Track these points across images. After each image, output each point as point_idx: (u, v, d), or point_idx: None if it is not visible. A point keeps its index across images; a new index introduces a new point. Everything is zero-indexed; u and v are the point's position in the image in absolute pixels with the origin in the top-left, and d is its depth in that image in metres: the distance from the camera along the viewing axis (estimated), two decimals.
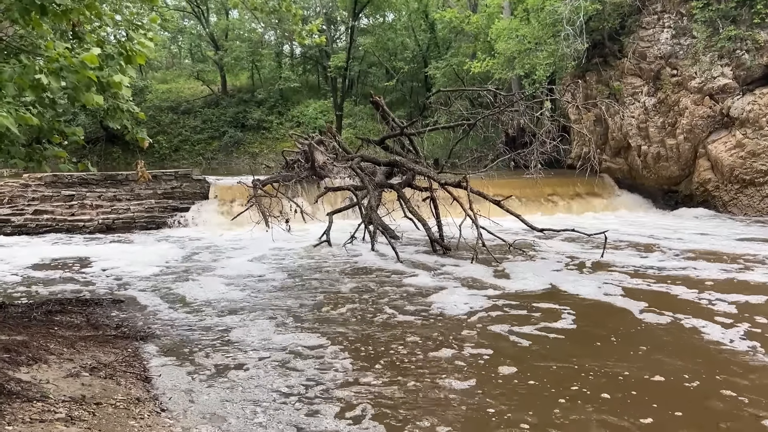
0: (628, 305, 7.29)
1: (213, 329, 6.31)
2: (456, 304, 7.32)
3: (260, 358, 5.41)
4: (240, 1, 10.67)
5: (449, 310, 7.08)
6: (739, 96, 15.41)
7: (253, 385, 4.76)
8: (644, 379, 4.90)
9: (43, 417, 3.59)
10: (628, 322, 6.66)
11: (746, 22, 15.15)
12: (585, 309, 7.22)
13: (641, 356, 5.49)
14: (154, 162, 29.48)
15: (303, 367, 5.16)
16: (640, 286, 8.27)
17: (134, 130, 5.17)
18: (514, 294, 7.95)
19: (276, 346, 5.76)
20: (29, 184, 13.67)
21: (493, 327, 6.40)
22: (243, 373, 5.01)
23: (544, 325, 6.48)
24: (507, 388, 4.76)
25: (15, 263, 9.94)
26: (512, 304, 7.37)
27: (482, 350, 5.63)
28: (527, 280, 8.71)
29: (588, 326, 6.52)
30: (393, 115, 13.04)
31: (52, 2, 4.19)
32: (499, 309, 7.16)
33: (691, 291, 7.95)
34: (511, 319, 6.69)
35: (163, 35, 34.69)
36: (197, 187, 14.84)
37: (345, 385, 4.79)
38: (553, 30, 17.78)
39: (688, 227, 14.22)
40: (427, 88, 30.11)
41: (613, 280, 8.66)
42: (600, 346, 5.87)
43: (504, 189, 15.13)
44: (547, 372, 5.07)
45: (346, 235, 11.63)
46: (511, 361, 5.32)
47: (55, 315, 6.39)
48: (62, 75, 4.07)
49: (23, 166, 5.79)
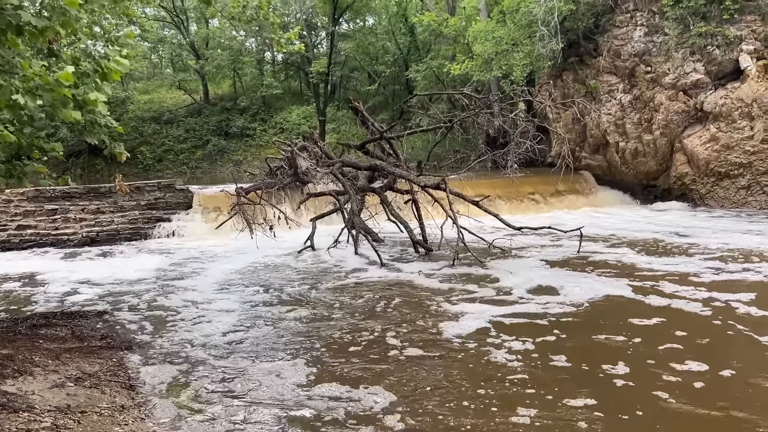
0: (593, 294, 7.52)
1: (198, 338, 6.41)
2: (429, 298, 7.50)
3: (243, 365, 5.53)
4: (218, 11, 10.79)
5: (433, 309, 7.25)
6: (711, 91, 15.75)
7: (236, 390, 4.89)
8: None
9: (29, 427, 3.70)
10: (614, 313, 6.88)
11: (716, 19, 15.51)
12: (559, 299, 7.43)
13: None
14: (138, 173, 29.43)
15: (289, 376, 5.29)
16: (607, 275, 8.51)
17: (111, 145, 5.28)
18: (493, 291, 8.12)
19: (258, 352, 5.88)
20: (11, 200, 13.67)
21: (474, 323, 6.57)
22: (228, 381, 5.13)
23: (534, 320, 6.73)
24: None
25: (4, 279, 9.98)
26: (494, 299, 7.55)
27: (468, 342, 5.81)
28: (508, 277, 8.89)
29: (566, 317, 6.72)
30: (372, 120, 13.20)
31: (28, 22, 4.29)
32: (480, 307, 7.32)
33: (679, 282, 8.21)
34: (492, 316, 6.87)
35: (143, 45, 34.67)
36: (181, 197, 14.90)
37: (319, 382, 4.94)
38: (529, 31, 18.05)
39: (663, 220, 14.56)
40: (408, 91, 30.34)
41: (586, 272, 8.96)
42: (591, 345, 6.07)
43: (486, 189, 15.35)
44: None
45: (330, 240, 11.76)
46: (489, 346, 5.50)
47: (39, 328, 6.47)
48: (38, 93, 4.18)
49: (4, 183, 5.88)
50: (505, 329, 6.42)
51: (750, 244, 10.95)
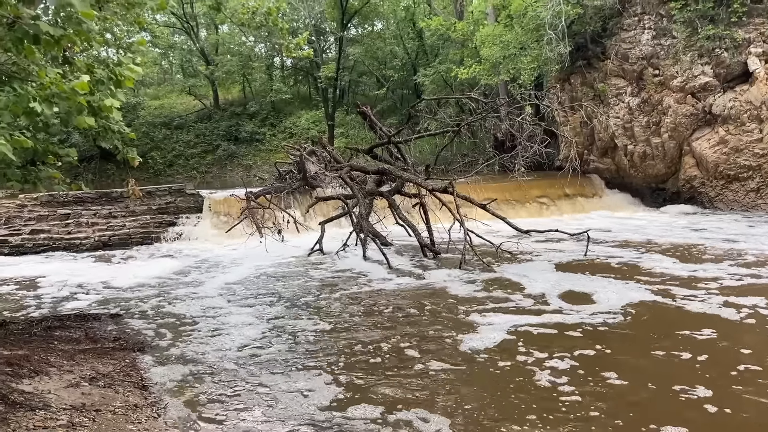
0: (627, 300, 7.55)
1: (208, 339, 6.52)
2: (444, 305, 7.56)
3: (253, 366, 5.62)
4: (228, 17, 10.94)
5: (418, 309, 7.31)
6: (720, 93, 15.72)
7: (246, 389, 4.98)
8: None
9: (46, 425, 3.80)
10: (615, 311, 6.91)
11: (724, 21, 15.49)
12: (566, 299, 7.47)
13: None
14: (149, 178, 29.69)
15: (299, 379, 5.38)
16: (634, 280, 8.53)
17: (124, 150, 5.41)
18: (518, 298, 8.07)
19: (270, 356, 5.97)
20: (25, 205, 13.88)
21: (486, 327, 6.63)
22: (239, 382, 5.22)
23: (569, 330, 6.44)
24: None
25: (16, 281, 10.15)
26: (521, 307, 7.51)
27: (474, 343, 5.87)
28: (531, 283, 8.72)
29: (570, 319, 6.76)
30: (380, 124, 13.30)
31: (45, 32, 4.41)
32: (506, 318, 6.98)
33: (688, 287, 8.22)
34: (498, 313, 6.92)
35: (154, 51, 35.01)
36: (191, 202, 15.06)
37: (346, 388, 5.01)
38: (536, 35, 18.10)
39: (673, 223, 14.55)
40: (416, 95, 30.44)
41: (610, 277, 8.97)
42: None
43: (495, 192, 15.41)
44: None
45: (339, 243, 11.87)
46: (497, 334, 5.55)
47: (54, 330, 6.60)
48: (54, 101, 4.29)
49: (19, 188, 6.02)
50: (539, 341, 6.00)
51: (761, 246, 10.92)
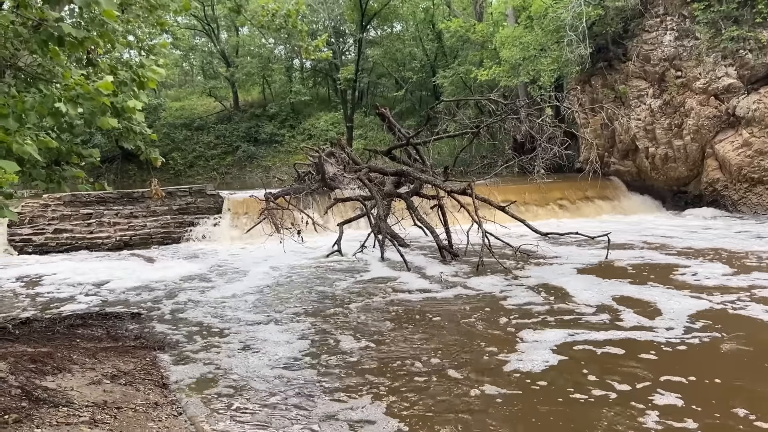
0: (668, 305, 7.47)
1: (229, 340, 6.57)
2: (451, 300, 7.54)
3: (272, 367, 5.65)
4: (248, 19, 11.03)
5: (450, 319, 7.30)
6: (744, 95, 15.49)
7: (266, 391, 5.01)
8: None
9: (68, 420, 3.86)
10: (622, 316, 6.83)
11: (748, 22, 15.27)
12: (586, 308, 7.40)
13: None
14: (170, 178, 30.02)
15: (315, 378, 5.40)
16: (629, 281, 8.44)
17: (147, 150, 5.47)
18: (561, 307, 7.60)
19: (288, 357, 6.00)
20: (49, 204, 14.10)
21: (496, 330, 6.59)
22: (257, 381, 5.26)
23: (636, 350, 5.82)
24: None
25: (44, 280, 10.32)
26: (565, 319, 7.02)
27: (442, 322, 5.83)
28: (559, 285, 8.57)
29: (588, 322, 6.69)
30: (399, 126, 13.30)
31: (69, 33, 4.49)
32: (554, 333, 6.39)
33: None
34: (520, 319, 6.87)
35: (175, 53, 35.40)
36: (211, 202, 15.19)
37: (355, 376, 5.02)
38: (557, 36, 17.98)
39: (696, 226, 14.34)
40: (435, 96, 30.40)
41: (612, 280, 8.85)
42: None
43: (514, 194, 15.32)
44: None
45: (357, 245, 11.90)
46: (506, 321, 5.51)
47: (77, 328, 6.70)
48: (78, 102, 4.36)
49: (44, 188, 6.12)
50: (595, 360, 5.48)
51: None
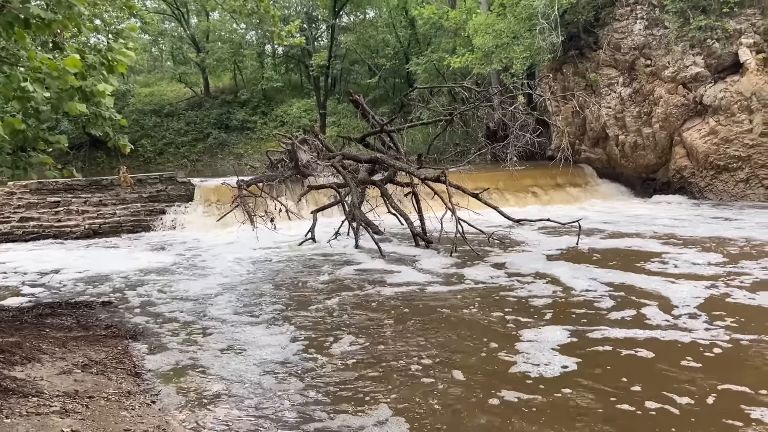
0: (590, 284, 7.61)
1: (200, 327, 6.52)
2: (434, 291, 7.60)
3: (244, 354, 5.63)
4: (219, 3, 10.84)
5: (428, 302, 7.35)
6: (711, 84, 15.80)
7: (236, 376, 5.00)
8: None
9: (39, 410, 3.80)
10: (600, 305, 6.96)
11: (716, 12, 15.55)
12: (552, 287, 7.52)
13: None
14: (139, 166, 29.48)
15: (293, 360, 5.40)
16: (596, 268, 8.60)
17: (115, 137, 5.37)
18: (557, 298, 7.29)
19: (259, 343, 5.99)
20: (14, 192, 13.76)
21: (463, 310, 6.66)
22: (229, 368, 5.24)
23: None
24: None
25: (4, 269, 10.09)
26: (567, 312, 6.65)
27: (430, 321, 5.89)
28: (572, 280, 8.14)
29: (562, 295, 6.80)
30: (373, 113, 13.28)
31: (38, 15, 4.37)
32: (554, 332, 5.97)
33: None
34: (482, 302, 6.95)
35: (144, 38, 34.64)
36: (182, 190, 14.99)
37: (338, 370, 5.03)
38: (529, 24, 18.06)
39: (665, 212, 14.67)
40: (409, 84, 30.36)
41: (582, 265, 9.00)
42: None
43: (487, 182, 15.44)
44: None
45: (331, 232, 11.87)
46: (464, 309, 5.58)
47: (45, 317, 6.57)
48: (45, 83, 4.25)
49: (10, 174, 5.96)
50: (619, 367, 5.08)
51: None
